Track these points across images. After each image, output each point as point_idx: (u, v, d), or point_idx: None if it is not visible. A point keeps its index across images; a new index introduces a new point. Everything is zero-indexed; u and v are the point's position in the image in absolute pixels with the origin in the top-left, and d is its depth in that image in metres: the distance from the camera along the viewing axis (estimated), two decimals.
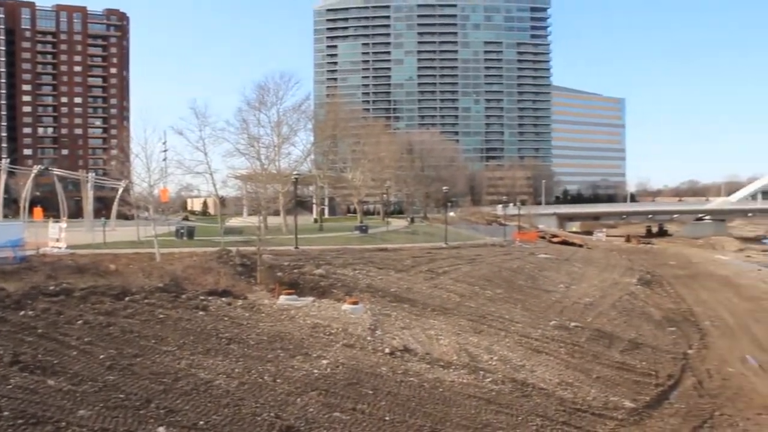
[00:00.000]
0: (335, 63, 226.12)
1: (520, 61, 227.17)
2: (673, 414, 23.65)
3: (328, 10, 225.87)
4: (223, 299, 27.79)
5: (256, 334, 23.09)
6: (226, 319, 24.61)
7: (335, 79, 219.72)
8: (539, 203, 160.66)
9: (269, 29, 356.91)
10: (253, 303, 28.46)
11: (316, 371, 19.81)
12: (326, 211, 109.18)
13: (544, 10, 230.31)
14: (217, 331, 22.61)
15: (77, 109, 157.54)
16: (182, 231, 52.95)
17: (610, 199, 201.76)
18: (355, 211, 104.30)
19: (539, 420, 19.56)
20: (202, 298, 27.21)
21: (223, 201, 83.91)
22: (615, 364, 28.54)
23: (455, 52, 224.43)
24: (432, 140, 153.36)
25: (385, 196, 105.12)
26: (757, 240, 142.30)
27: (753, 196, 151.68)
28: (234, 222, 75.67)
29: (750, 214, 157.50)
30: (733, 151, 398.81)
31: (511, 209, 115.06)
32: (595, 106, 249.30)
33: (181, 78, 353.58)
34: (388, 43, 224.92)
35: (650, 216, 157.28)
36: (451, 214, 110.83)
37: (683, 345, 35.38)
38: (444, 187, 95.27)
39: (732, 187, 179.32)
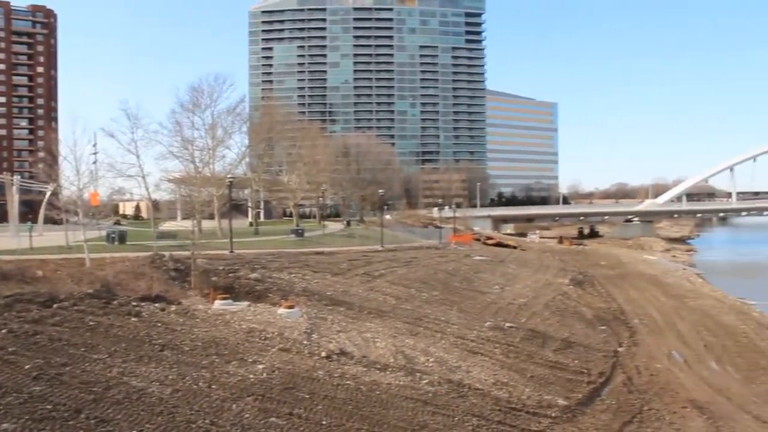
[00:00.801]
0: (271, 65, 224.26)
1: (455, 65, 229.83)
2: (605, 410, 24.38)
3: (264, 11, 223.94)
4: (156, 305, 27.24)
5: (191, 340, 22.70)
6: (159, 325, 24.11)
7: (271, 81, 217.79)
8: (474, 206, 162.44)
9: (204, 30, 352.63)
10: (188, 308, 27.98)
11: (251, 376, 19.61)
12: (262, 215, 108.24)
13: (479, 15, 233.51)
14: (150, 337, 22.14)
15: (1, 109, 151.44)
16: (113, 235, 51.69)
17: (544, 201, 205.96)
18: (290, 215, 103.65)
19: (475, 420, 19.82)
20: (134, 303, 26.58)
21: (156, 205, 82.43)
22: (548, 364, 29.17)
23: (391, 55, 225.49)
24: (368, 143, 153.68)
25: (321, 199, 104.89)
26: (682, 240, 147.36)
27: (678, 199, 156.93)
28: (167, 226, 74.35)
29: (675, 216, 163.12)
30: (660, 155, 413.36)
31: (447, 212, 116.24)
32: (529, 110, 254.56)
33: (112, 79, 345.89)
34: (324, 46, 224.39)
35: (582, 218, 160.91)
36: (387, 216, 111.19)
37: (614, 343, 36.48)
38: (380, 190, 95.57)
39: (659, 190, 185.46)
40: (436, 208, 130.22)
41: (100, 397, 15.56)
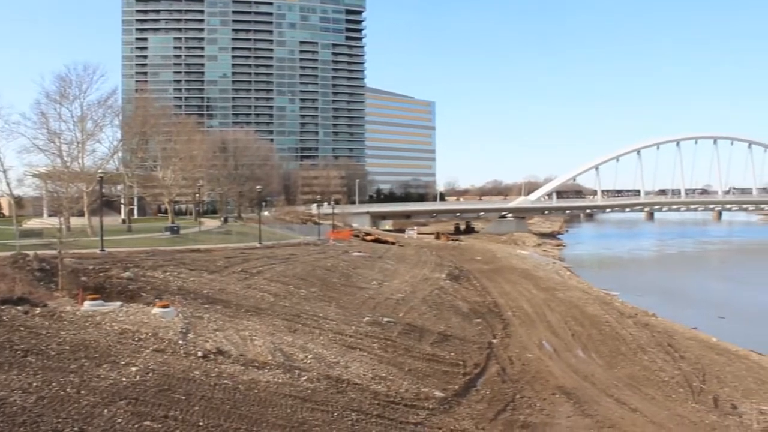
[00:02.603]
0: (145, 56, 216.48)
1: (335, 62, 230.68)
2: (480, 400, 25.31)
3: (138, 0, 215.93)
4: (19, 308, 25.76)
5: (57, 344, 21.67)
6: (22, 329, 22.84)
7: (145, 73, 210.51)
8: (353, 202, 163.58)
9: (73, 17, 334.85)
10: (54, 310, 26.64)
11: (124, 380, 18.97)
12: (135, 212, 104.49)
13: (359, 12, 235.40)
14: (12, 342, 20.94)
15: None
16: None
17: (421, 198, 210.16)
18: (166, 212, 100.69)
19: (354, 415, 20.06)
20: None
21: (19, 201, 77.87)
22: (426, 357, 29.93)
23: (271, 50, 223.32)
24: (246, 139, 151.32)
25: (197, 195, 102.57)
26: (552, 236, 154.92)
27: (549, 196, 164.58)
28: (32, 224, 70.39)
29: (546, 212, 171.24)
30: (531, 153, 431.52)
31: (326, 208, 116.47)
32: (407, 108, 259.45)
33: None
34: (202, 39, 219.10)
35: (458, 214, 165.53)
36: (266, 213, 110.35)
37: (488, 335, 37.88)
38: (258, 187, 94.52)
39: (531, 187, 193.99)
40: (315, 205, 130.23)
41: None
